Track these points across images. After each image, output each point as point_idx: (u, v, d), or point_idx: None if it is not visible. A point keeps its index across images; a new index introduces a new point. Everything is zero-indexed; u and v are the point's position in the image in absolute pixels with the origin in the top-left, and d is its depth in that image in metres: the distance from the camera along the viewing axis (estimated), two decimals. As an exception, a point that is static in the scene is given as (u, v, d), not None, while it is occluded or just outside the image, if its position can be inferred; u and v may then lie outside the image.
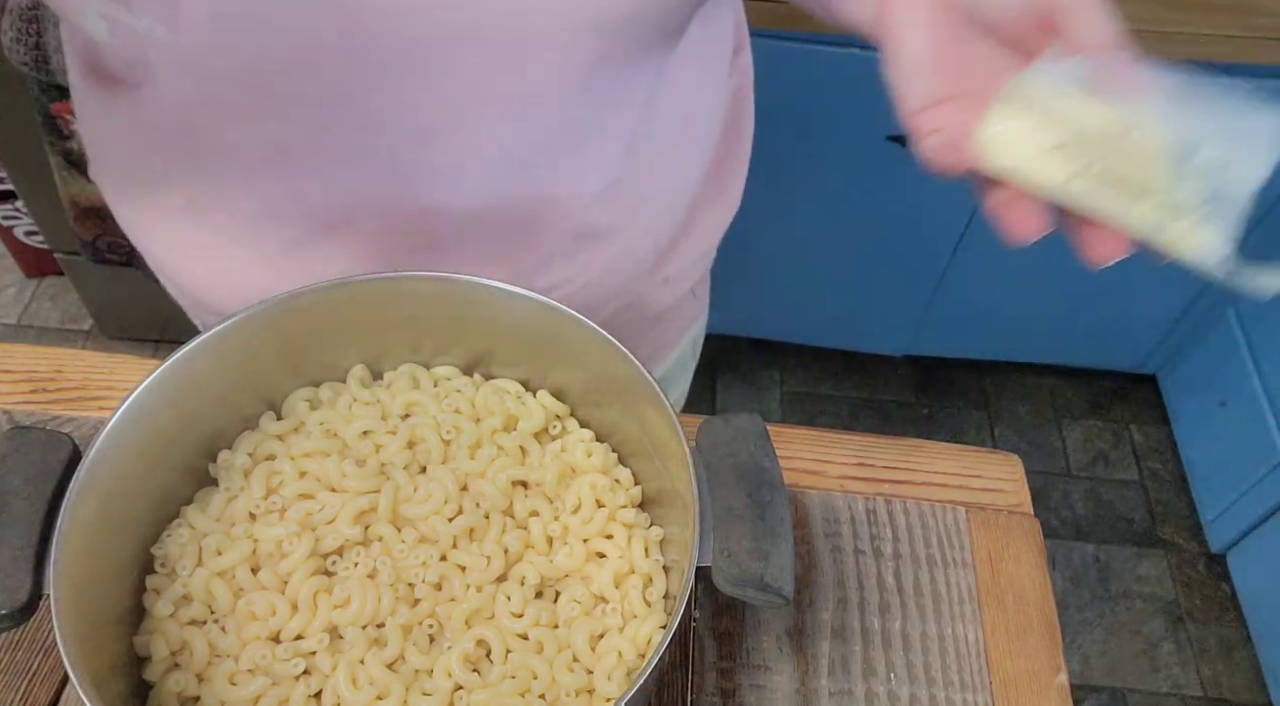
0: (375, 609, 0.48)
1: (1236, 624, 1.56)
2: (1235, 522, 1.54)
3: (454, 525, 0.51)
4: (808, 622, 0.58)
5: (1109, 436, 1.79)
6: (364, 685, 0.46)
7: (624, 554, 0.51)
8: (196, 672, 0.46)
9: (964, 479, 0.65)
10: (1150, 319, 1.65)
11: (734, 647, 0.57)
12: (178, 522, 0.50)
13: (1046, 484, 1.73)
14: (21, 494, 0.44)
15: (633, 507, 0.53)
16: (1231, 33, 1.18)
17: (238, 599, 0.48)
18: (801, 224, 1.50)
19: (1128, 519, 1.69)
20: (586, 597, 0.49)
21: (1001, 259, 1.54)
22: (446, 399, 0.55)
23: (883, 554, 0.62)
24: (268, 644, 0.47)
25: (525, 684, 0.47)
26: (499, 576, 0.50)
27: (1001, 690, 0.56)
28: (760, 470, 0.47)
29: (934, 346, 1.77)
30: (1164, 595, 1.60)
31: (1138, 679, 1.51)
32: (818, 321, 1.72)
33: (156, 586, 0.49)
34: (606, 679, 0.47)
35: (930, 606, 0.59)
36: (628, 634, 0.48)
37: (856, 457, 0.66)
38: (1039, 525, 0.64)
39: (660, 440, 0.49)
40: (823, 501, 0.63)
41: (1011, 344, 1.76)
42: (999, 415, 1.82)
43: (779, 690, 0.56)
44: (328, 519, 0.50)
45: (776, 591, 0.44)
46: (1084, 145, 0.37)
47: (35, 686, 0.53)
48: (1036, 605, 0.60)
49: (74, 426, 0.62)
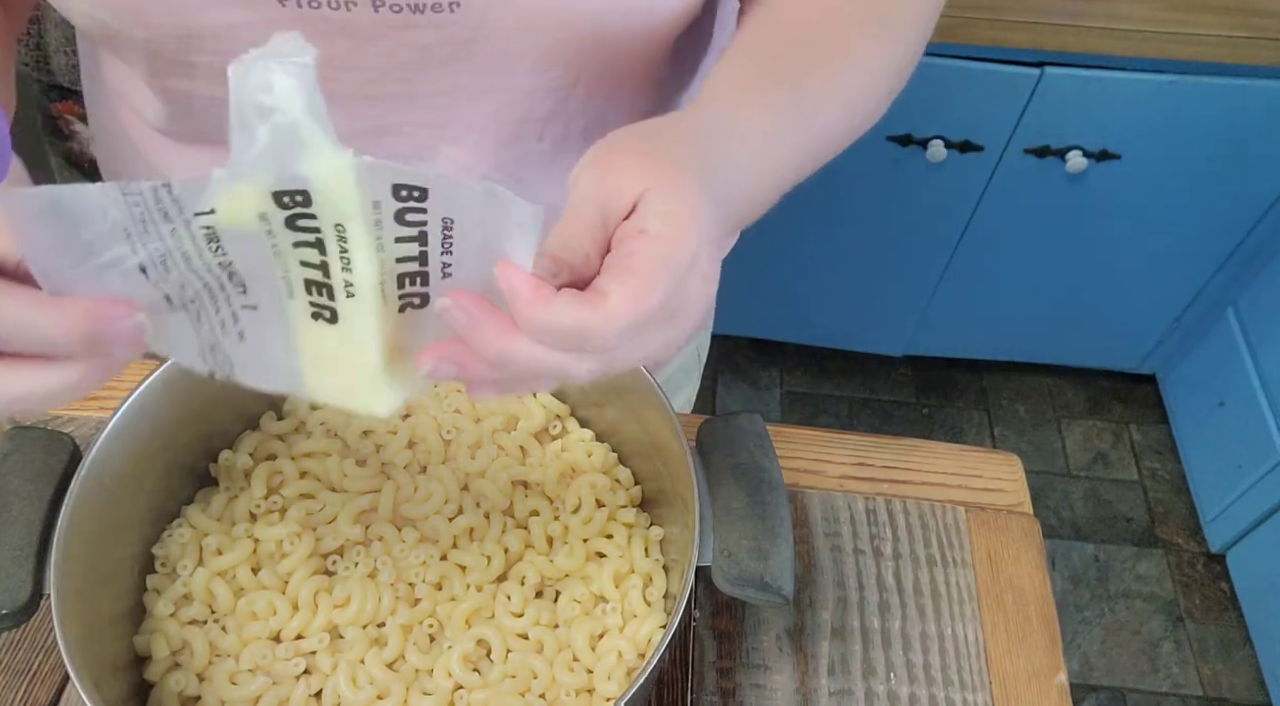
0: (375, 608, 0.48)
1: (1236, 623, 1.56)
2: (1235, 522, 1.54)
3: (454, 525, 0.51)
4: (808, 622, 0.58)
5: (1109, 436, 1.79)
6: (364, 685, 0.46)
7: (624, 554, 0.51)
8: (197, 672, 0.46)
9: (964, 479, 0.66)
10: (1150, 319, 1.65)
11: (734, 647, 0.57)
12: (178, 522, 0.51)
13: (1046, 484, 1.73)
14: (21, 494, 0.44)
15: (633, 507, 0.53)
16: (1231, 33, 1.18)
17: (238, 599, 0.48)
18: (802, 224, 1.50)
19: (1127, 519, 1.69)
20: (586, 597, 0.50)
21: (1001, 259, 1.55)
22: (447, 399, 0.55)
23: (882, 553, 0.62)
24: (268, 643, 0.47)
25: (525, 683, 0.47)
26: (499, 576, 0.50)
27: (1001, 690, 0.57)
28: (760, 470, 0.47)
29: (934, 346, 1.77)
30: (1164, 595, 1.60)
31: (1137, 678, 1.51)
32: (818, 321, 1.72)
33: (157, 586, 0.49)
34: (606, 678, 0.47)
35: (930, 606, 0.59)
36: (628, 634, 0.48)
37: (856, 457, 0.66)
38: (1039, 525, 0.64)
39: (660, 440, 0.49)
40: (823, 501, 0.63)
41: (1011, 344, 1.76)
42: (999, 415, 1.82)
43: (779, 690, 0.56)
44: (328, 518, 0.50)
45: (776, 591, 0.44)
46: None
47: (35, 686, 0.53)
48: (1036, 605, 0.60)
49: (74, 426, 0.62)
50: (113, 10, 0.42)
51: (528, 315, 0.30)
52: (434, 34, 0.43)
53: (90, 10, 0.42)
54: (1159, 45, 1.20)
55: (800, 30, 0.44)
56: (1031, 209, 1.44)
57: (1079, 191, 1.40)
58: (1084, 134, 1.32)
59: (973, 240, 1.51)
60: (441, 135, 0.50)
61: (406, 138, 0.50)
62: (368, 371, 0.33)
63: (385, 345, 0.32)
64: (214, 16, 0.42)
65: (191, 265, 0.30)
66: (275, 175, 0.28)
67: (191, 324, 0.32)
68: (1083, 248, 1.51)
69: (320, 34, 0.42)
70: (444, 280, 0.31)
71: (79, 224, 0.28)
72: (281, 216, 0.29)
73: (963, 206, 1.46)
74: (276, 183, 0.28)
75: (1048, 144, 1.34)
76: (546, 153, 0.52)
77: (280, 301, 0.31)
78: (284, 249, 0.30)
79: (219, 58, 0.44)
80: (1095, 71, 1.24)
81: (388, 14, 0.42)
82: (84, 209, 0.28)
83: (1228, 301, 1.55)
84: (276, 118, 0.27)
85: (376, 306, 0.31)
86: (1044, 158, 1.36)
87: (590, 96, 0.50)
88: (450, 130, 0.50)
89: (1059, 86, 1.26)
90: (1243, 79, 1.24)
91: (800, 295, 1.65)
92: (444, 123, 0.49)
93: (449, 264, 0.31)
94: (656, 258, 0.31)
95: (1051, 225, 1.47)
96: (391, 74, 0.46)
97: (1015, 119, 1.31)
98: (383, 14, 0.42)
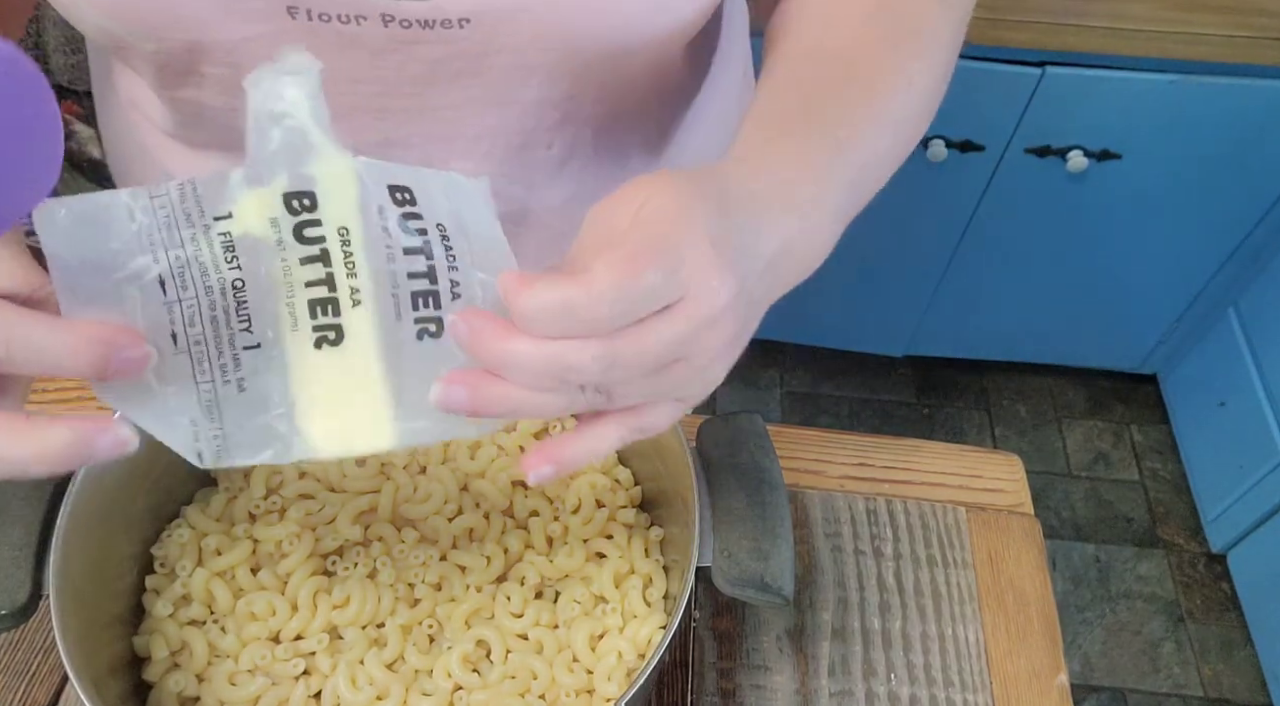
0: (375, 609, 0.48)
1: (1237, 624, 1.55)
2: (1235, 522, 1.54)
3: (454, 525, 0.51)
4: (808, 622, 0.58)
5: (1109, 436, 1.79)
6: (364, 685, 0.46)
7: (624, 554, 0.51)
8: (196, 673, 0.46)
9: (964, 479, 0.65)
10: (1150, 319, 1.65)
11: (734, 647, 0.57)
12: (178, 523, 0.50)
13: (1046, 484, 1.73)
14: (21, 494, 0.44)
15: (633, 507, 0.53)
16: (1231, 33, 1.18)
17: (237, 599, 0.48)
18: (802, 224, 1.49)
19: (1128, 519, 1.69)
20: (586, 598, 0.49)
21: (1002, 259, 1.54)
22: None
23: (883, 554, 0.61)
24: (267, 644, 0.47)
25: (525, 684, 0.47)
26: (499, 576, 0.50)
27: (1002, 690, 0.56)
28: (760, 470, 0.47)
29: (934, 346, 1.77)
30: (1164, 595, 1.60)
31: (1138, 679, 1.51)
32: (818, 321, 1.72)
33: (156, 586, 0.49)
34: (606, 679, 0.47)
35: (930, 606, 0.59)
36: (628, 634, 0.48)
37: (856, 458, 0.66)
38: (1039, 525, 0.64)
39: (660, 440, 0.49)
40: (823, 501, 0.63)
41: (1011, 344, 1.76)
42: (999, 415, 1.82)
43: (779, 690, 0.56)
44: (328, 519, 0.50)
45: (776, 591, 0.44)
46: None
47: (35, 686, 0.53)
48: (1036, 605, 0.60)
49: (74, 426, 0.62)
50: (124, 23, 0.42)
51: (515, 304, 0.30)
52: (444, 49, 0.43)
53: (101, 22, 0.42)
54: (1160, 45, 1.20)
55: (830, 58, 0.44)
56: (1032, 209, 1.44)
57: (1080, 191, 1.40)
58: (1085, 133, 1.32)
59: (973, 240, 1.50)
60: (451, 147, 0.50)
61: (416, 149, 0.50)
62: (371, 394, 0.33)
63: (394, 368, 0.33)
64: (226, 31, 0.42)
65: (207, 281, 0.31)
66: (287, 175, 0.30)
67: (191, 373, 0.32)
68: (1084, 247, 1.51)
69: (331, 48, 0.42)
70: (455, 302, 0.32)
71: (109, 231, 0.30)
72: (291, 224, 0.31)
73: (963, 206, 1.45)
74: (288, 183, 0.30)
75: (1049, 143, 1.34)
76: (555, 158, 0.53)
77: (283, 336, 0.32)
78: (292, 264, 0.31)
79: (229, 69, 0.44)
80: (1096, 71, 1.24)
81: (398, 29, 0.42)
82: (113, 214, 0.30)
83: (1229, 301, 1.55)
84: (287, 122, 0.30)
85: (384, 313, 0.32)
86: (1045, 157, 1.35)
87: (600, 104, 0.50)
88: (459, 142, 0.50)
89: (1060, 86, 1.26)
90: (1244, 79, 1.24)
91: (800, 295, 1.63)
92: (453, 135, 0.49)
93: (457, 282, 0.32)
94: (643, 236, 0.31)
95: (1052, 225, 1.47)
96: (401, 88, 0.46)
97: (1016, 118, 1.31)
98: (393, 29, 0.42)
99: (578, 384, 0.32)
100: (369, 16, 0.41)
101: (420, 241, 0.31)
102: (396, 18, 0.41)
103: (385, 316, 0.32)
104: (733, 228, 0.34)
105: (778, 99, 0.42)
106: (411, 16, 0.41)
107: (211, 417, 0.32)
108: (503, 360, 0.31)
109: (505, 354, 0.31)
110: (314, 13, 0.41)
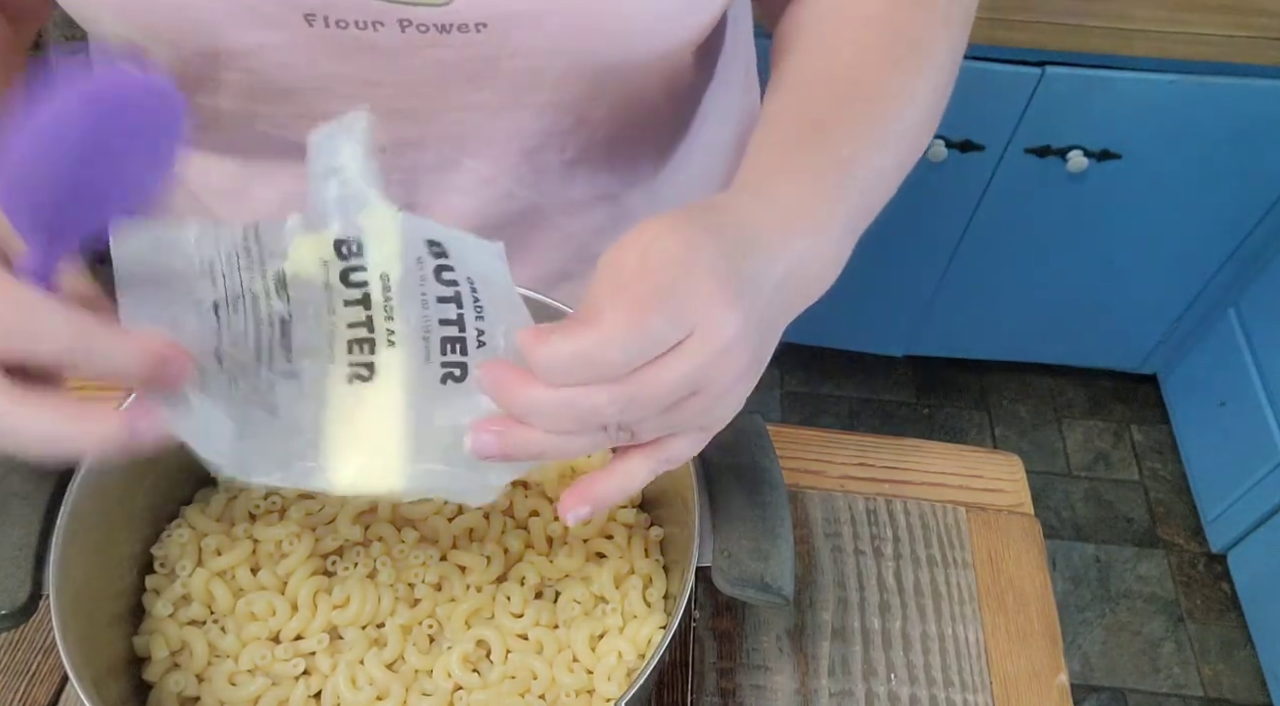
0: (375, 609, 0.48)
1: (1237, 624, 1.55)
2: (1235, 522, 1.54)
3: (454, 525, 0.51)
4: (808, 622, 0.58)
5: (1109, 436, 1.79)
6: (364, 685, 0.46)
7: (624, 554, 0.51)
8: (196, 673, 0.46)
9: (964, 479, 0.65)
10: (1151, 319, 1.65)
11: (734, 647, 0.57)
12: (178, 523, 0.50)
13: (1046, 484, 1.73)
14: (21, 494, 0.44)
15: (633, 508, 0.53)
16: (1231, 33, 1.18)
17: (237, 599, 0.48)
18: (802, 224, 1.49)
19: (1128, 519, 1.69)
20: (586, 598, 0.49)
21: (1002, 259, 1.54)
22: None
23: (883, 554, 0.61)
24: (267, 644, 0.47)
25: (525, 684, 0.47)
26: (499, 576, 0.50)
27: (1002, 690, 0.56)
28: (760, 470, 0.47)
29: (934, 346, 1.77)
30: (1164, 595, 1.60)
31: (1138, 679, 1.51)
32: (818, 321, 1.71)
33: (156, 586, 0.49)
34: (606, 679, 0.47)
35: (930, 606, 0.59)
36: (628, 634, 0.48)
37: (857, 458, 0.66)
38: (1039, 525, 0.64)
39: (660, 440, 0.49)
40: (823, 501, 0.63)
41: (1011, 344, 1.75)
42: (999, 415, 1.82)
43: (779, 690, 0.56)
44: (327, 519, 0.50)
45: (776, 591, 0.44)
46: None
47: (35, 686, 0.53)
48: (1037, 605, 0.60)
49: (74, 426, 0.62)
50: (141, 30, 0.42)
51: (532, 358, 0.32)
52: (460, 53, 0.44)
53: (117, 29, 0.42)
54: (1160, 45, 1.20)
55: (832, 77, 0.44)
56: (1032, 209, 1.44)
57: (1080, 191, 1.40)
58: (1085, 133, 1.32)
59: (973, 240, 1.50)
60: (464, 148, 0.50)
61: (430, 151, 0.50)
62: (392, 427, 0.35)
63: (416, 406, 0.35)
64: (243, 37, 0.42)
65: (258, 308, 0.34)
66: (339, 223, 0.34)
67: (229, 392, 0.34)
68: (1084, 247, 1.51)
69: (347, 52, 0.43)
70: (479, 350, 0.35)
71: (175, 254, 0.33)
72: (339, 267, 0.34)
73: (963, 206, 1.45)
74: (339, 231, 0.34)
75: (1049, 143, 1.34)
76: (568, 161, 0.53)
77: (320, 368, 0.35)
78: (336, 304, 0.35)
79: (245, 75, 0.44)
80: (1097, 71, 1.24)
81: (414, 34, 0.42)
82: (182, 241, 0.33)
83: (1229, 301, 1.55)
84: (343, 175, 0.33)
85: (414, 354, 0.35)
86: (1045, 157, 1.35)
87: (612, 108, 0.50)
88: (473, 144, 0.50)
89: (1060, 86, 1.26)
90: (1244, 79, 1.24)
91: (801, 295, 1.64)
92: (467, 137, 0.50)
93: (483, 331, 0.35)
94: (647, 282, 0.32)
95: (1052, 225, 1.47)
96: (417, 90, 0.46)
97: (1016, 118, 1.31)
98: (409, 34, 0.42)
99: (599, 425, 0.34)
100: (386, 23, 0.41)
101: (452, 292, 0.34)
102: (414, 23, 0.41)
103: (415, 357, 0.35)
104: (739, 258, 0.35)
105: (781, 123, 0.43)
106: (429, 21, 0.41)
107: (241, 436, 0.34)
108: (526, 407, 0.33)
109: (527, 401, 0.33)
110: (331, 19, 0.41)
